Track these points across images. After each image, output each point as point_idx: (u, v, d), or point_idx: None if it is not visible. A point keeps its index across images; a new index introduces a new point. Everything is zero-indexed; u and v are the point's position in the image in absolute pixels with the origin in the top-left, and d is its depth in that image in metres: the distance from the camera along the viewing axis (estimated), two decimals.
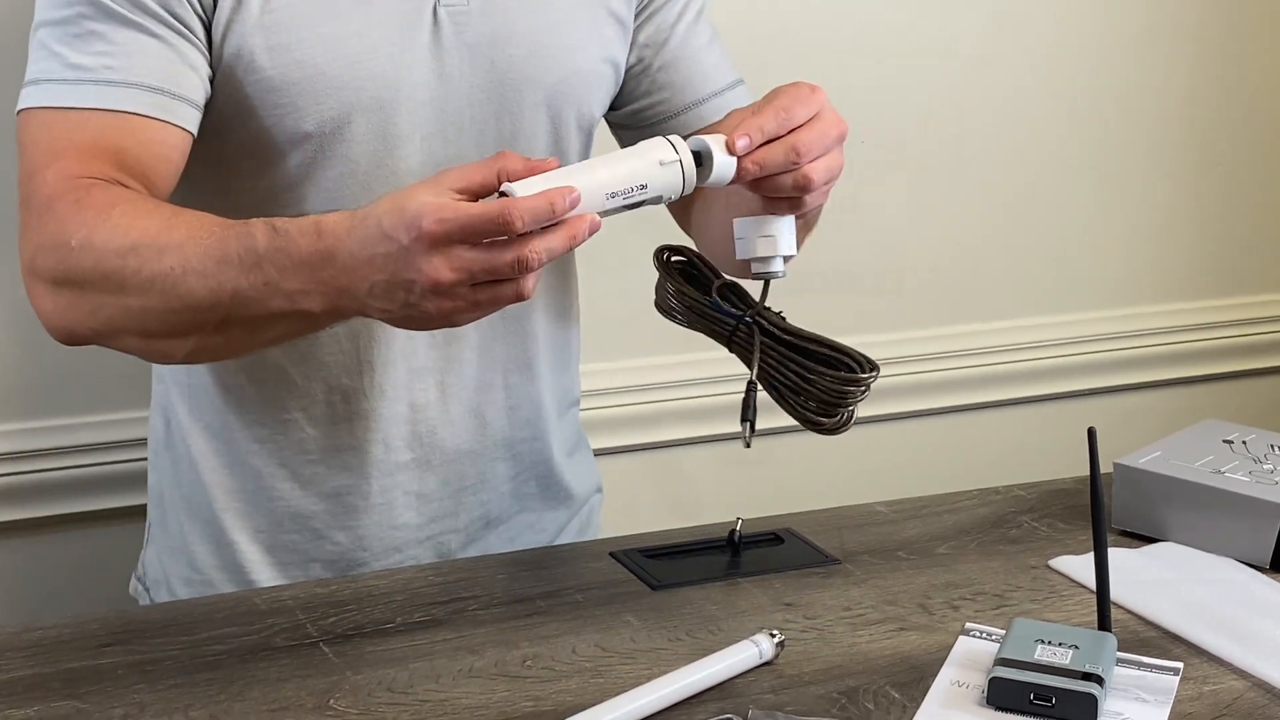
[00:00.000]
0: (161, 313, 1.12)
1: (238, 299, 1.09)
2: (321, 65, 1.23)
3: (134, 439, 1.66)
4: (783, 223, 1.15)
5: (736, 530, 1.32)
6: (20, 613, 1.69)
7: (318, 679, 1.09)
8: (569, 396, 1.47)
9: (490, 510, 1.41)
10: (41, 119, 1.21)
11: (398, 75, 1.26)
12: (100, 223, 1.14)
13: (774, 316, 1.17)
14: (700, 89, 1.39)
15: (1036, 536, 1.36)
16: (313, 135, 1.25)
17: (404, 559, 1.37)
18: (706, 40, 1.41)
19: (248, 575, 1.36)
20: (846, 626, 1.18)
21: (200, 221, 1.13)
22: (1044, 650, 1.06)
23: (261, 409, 1.33)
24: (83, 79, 1.20)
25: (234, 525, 1.36)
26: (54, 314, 1.17)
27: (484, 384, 1.36)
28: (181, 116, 1.22)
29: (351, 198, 1.25)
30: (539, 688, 1.08)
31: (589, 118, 1.36)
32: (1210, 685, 1.10)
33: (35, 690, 1.08)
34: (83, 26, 1.20)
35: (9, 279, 1.57)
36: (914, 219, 2.05)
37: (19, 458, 1.69)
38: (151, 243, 1.12)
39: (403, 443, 1.34)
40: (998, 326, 2.13)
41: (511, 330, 1.37)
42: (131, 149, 1.19)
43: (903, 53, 1.99)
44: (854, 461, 2.03)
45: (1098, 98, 2.12)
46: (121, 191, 1.17)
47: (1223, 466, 1.35)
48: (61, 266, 1.15)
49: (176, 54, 1.21)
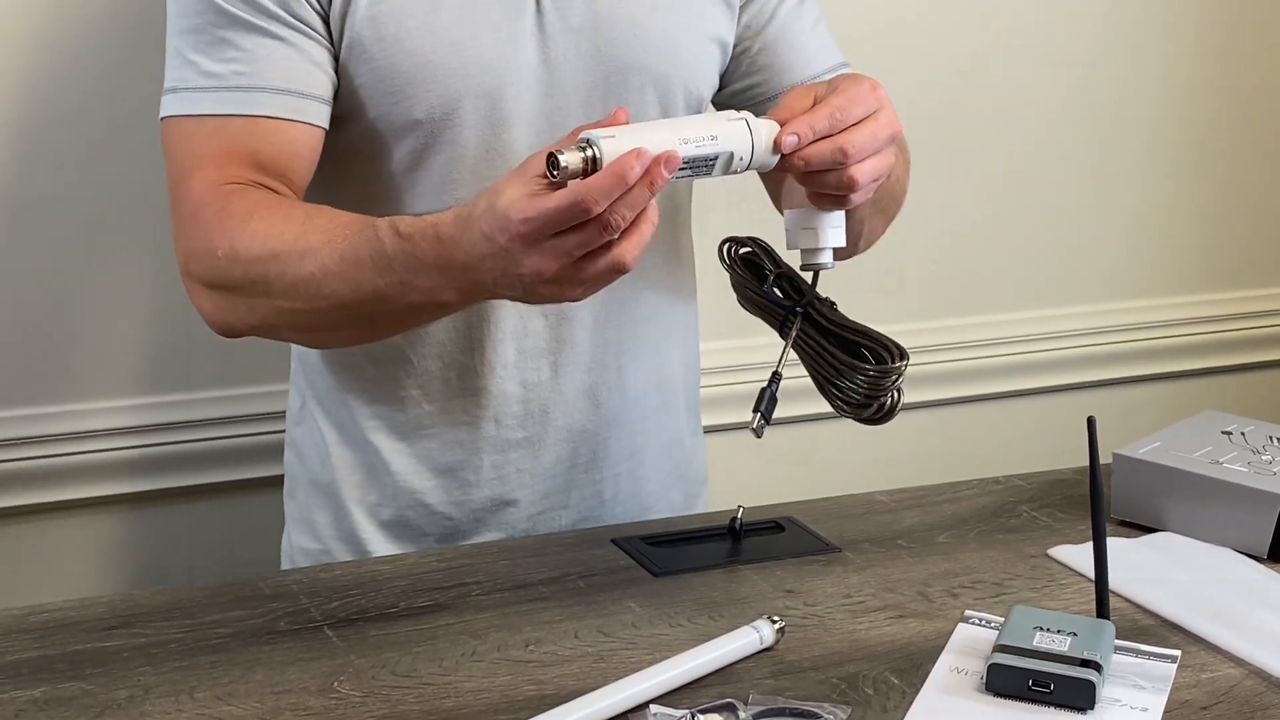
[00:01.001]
0: (309, 312, 1.19)
1: (378, 297, 1.15)
2: (429, 54, 1.26)
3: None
4: (828, 216, 1.16)
5: (738, 518, 1.32)
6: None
7: (321, 662, 1.10)
8: (687, 376, 1.47)
9: (604, 489, 1.42)
10: (182, 127, 1.26)
11: (503, 61, 1.28)
12: (241, 232, 1.19)
13: (824, 308, 1.19)
14: (800, 72, 1.40)
15: (1036, 526, 1.36)
16: (423, 123, 1.28)
17: (515, 533, 1.39)
18: (810, 24, 1.41)
19: (364, 546, 1.39)
20: (846, 614, 1.19)
21: (333, 223, 1.18)
22: (1043, 637, 1.07)
23: (379, 386, 1.36)
24: (216, 86, 1.25)
25: (351, 497, 1.39)
26: (212, 312, 1.24)
27: (596, 363, 1.38)
28: (312, 114, 1.26)
29: (462, 182, 1.29)
30: (541, 672, 1.09)
31: (697, 97, 1.37)
32: (1207, 673, 1.11)
33: (41, 672, 1.08)
34: (212, 34, 1.25)
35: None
36: (915, 213, 2.04)
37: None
38: (290, 249, 1.17)
39: (515, 420, 1.36)
40: (998, 319, 2.13)
41: (624, 310, 1.38)
42: (267, 151, 1.25)
43: (902, 48, 2.00)
44: (855, 451, 2.04)
45: (1097, 92, 2.12)
46: (260, 196, 1.22)
47: (1221, 457, 1.36)
48: (212, 274, 1.22)
49: (300, 53, 1.25)
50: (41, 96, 1.65)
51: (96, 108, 1.66)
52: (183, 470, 1.76)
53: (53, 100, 1.65)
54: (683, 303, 1.45)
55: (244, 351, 1.67)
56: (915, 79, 2.01)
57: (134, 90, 1.64)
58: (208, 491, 1.78)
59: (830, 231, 1.16)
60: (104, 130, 1.67)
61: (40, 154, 1.66)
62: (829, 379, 1.17)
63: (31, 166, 1.65)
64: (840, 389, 1.16)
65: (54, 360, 1.70)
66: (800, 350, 1.19)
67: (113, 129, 1.67)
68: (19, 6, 1.62)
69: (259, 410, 1.76)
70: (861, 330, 1.17)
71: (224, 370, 1.76)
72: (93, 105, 1.66)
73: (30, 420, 1.71)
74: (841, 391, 1.16)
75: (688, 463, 1.49)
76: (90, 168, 1.67)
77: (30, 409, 1.70)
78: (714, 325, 1.72)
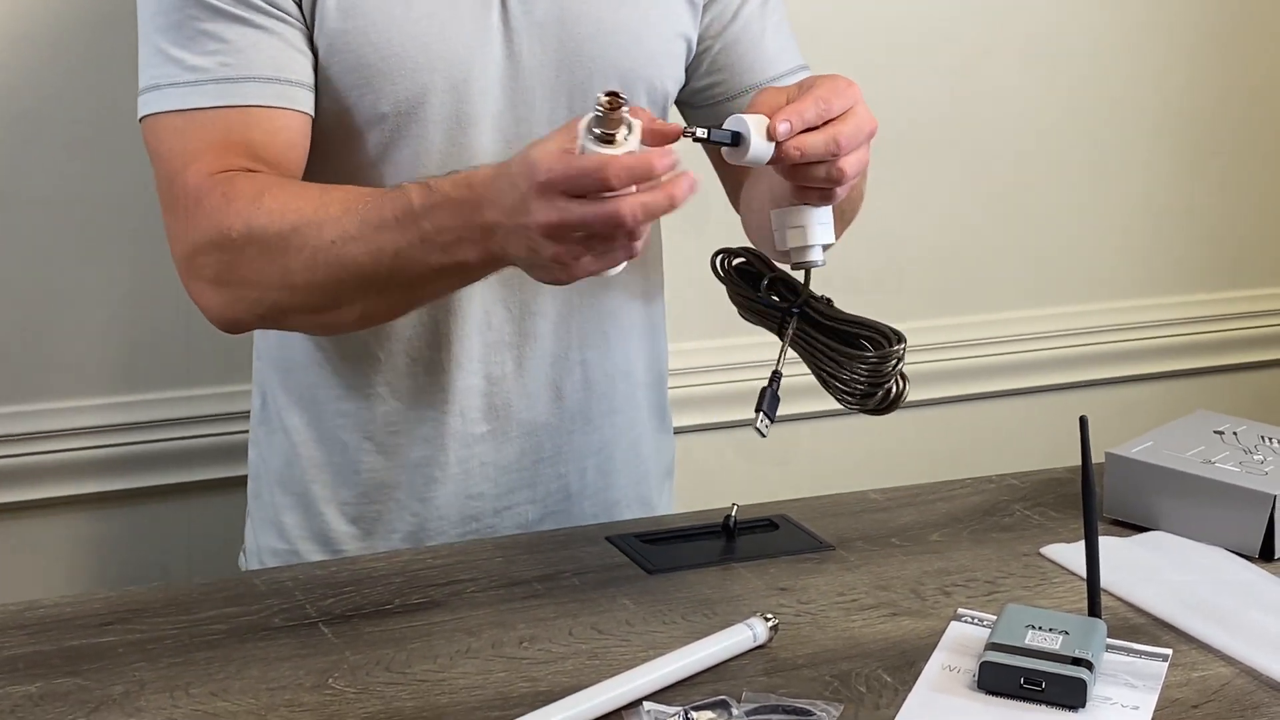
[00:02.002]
0: (327, 285, 1.18)
1: (398, 259, 1.15)
2: (395, 48, 1.27)
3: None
4: (817, 213, 1.16)
5: (732, 516, 1.33)
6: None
7: (316, 658, 1.10)
8: (652, 373, 1.48)
9: (570, 483, 1.42)
10: (170, 123, 1.25)
11: (469, 56, 1.29)
12: (255, 211, 1.19)
13: (820, 305, 1.19)
14: (760, 73, 1.40)
15: (1029, 525, 1.37)
16: (389, 116, 1.29)
17: (481, 529, 1.39)
18: (774, 25, 1.42)
19: (334, 544, 1.39)
20: (840, 611, 1.19)
21: (352, 193, 1.20)
22: (1034, 635, 1.07)
23: (348, 382, 1.36)
24: (202, 79, 1.24)
25: (321, 496, 1.39)
26: (220, 309, 1.24)
27: (560, 357, 1.38)
28: (300, 101, 1.26)
29: (426, 175, 1.27)
30: (535, 669, 1.09)
31: (661, 93, 1.38)
32: (1198, 671, 1.11)
33: (37, 667, 1.09)
34: (193, 28, 1.24)
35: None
36: (910, 212, 2.06)
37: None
38: (310, 220, 1.18)
39: (479, 414, 1.37)
40: (993, 319, 2.14)
41: (588, 305, 1.39)
42: (260, 139, 1.25)
43: (899, 48, 2.00)
44: (850, 449, 2.04)
45: (1093, 91, 2.13)
46: (264, 177, 1.23)
47: (1213, 457, 1.36)
48: (223, 262, 1.21)
49: (283, 41, 1.26)
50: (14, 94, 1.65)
51: (67, 107, 1.66)
52: (167, 469, 1.77)
53: (23, 97, 1.65)
54: (646, 301, 1.45)
55: (239, 350, 1.68)
56: (911, 80, 2.01)
57: (106, 89, 1.64)
58: (193, 489, 1.78)
59: (819, 228, 1.17)
60: (75, 129, 1.66)
61: (10, 152, 1.65)
62: (832, 374, 1.18)
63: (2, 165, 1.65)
64: (844, 382, 1.17)
65: (37, 358, 1.71)
66: (800, 348, 1.20)
67: (81, 128, 1.66)
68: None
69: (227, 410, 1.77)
70: (857, 321, 1.17)
71: (191, 369, 1.76)
72: (64, 104, 1.66)
73: (20, 417, 1.71)
74: (845, 384, 1.17)
75: (655, 458, 1.50)
76: (61, 167, 1.67)
77: (19, 406, 1.71)
78: (699, 325, 1.72)
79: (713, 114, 1.40)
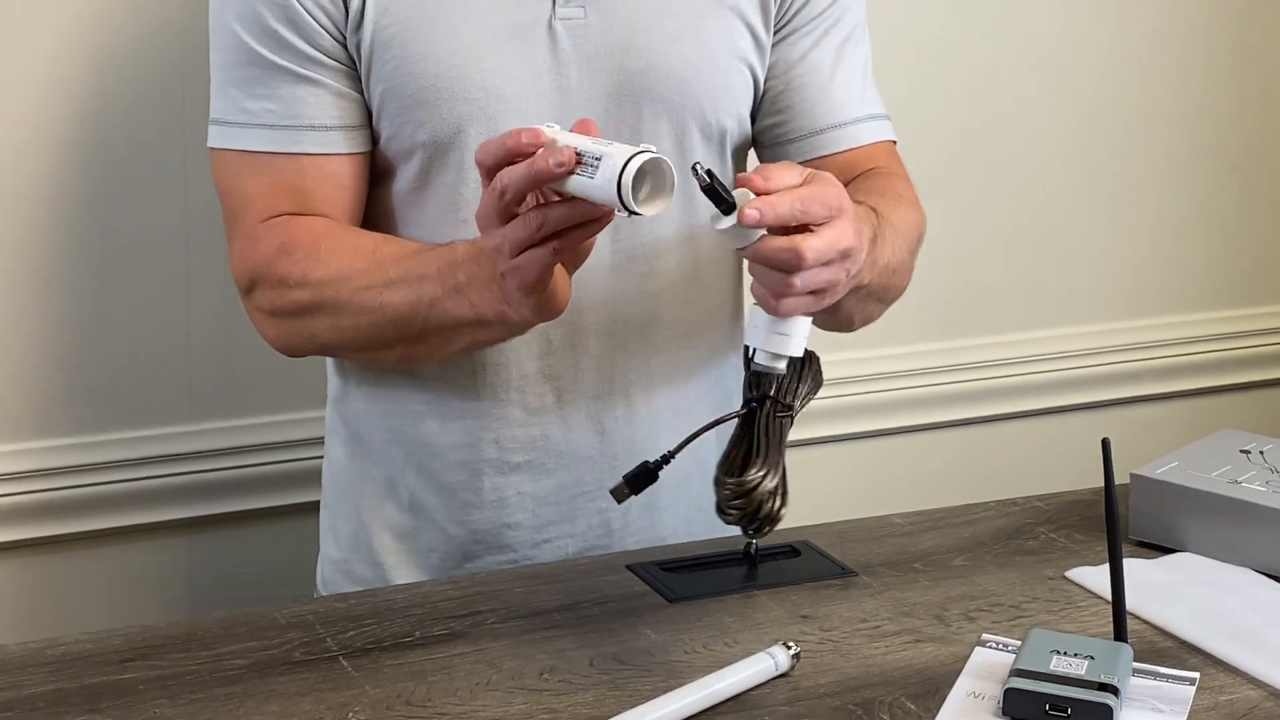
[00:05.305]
0: (369, 329, 1.28)
1: (433, 309, 1.23)
2: (431, 78, 1.29)
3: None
4: (771, 319, 1.11)
5: (753, 542, 1.32)
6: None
7: (336, 692, 1.10)
8: (712, 411, 1.41)
9: (611, 519, 1.40)
10: (228, 160, 1.33)
11: (509, 88, 1.30)
12: (311, 263, 1.28)
13: (768, 409, 1.16)
14: (822, 118, 1.38)
15: (1054, 548, 1.36)
16: (427, 144, 1.31)
17: (519, 558, 1.38)
18: (847, 70, 1.39)
19: (377, 558, 1.40)
20: (862, 638, 1.18)
21: (406, 248, 1.28)
22: (1059, 661, 1.07)
23: (394, 403, 1.38)
24: (250, 123, 1.31)
25: (368, 509, 1.41)
26: (276, 338, 1.34)
27: (603, 393, 1.37)
28: (349, 143, 1.32)
29: (467, 205, 1.30)
30: (556, 700, 1.09)
31: (718, 130, 1.36)
32: (1226, 695, 1.10)
33: (57, 705, 1.09)
34: (245, 71, 1.30)
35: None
36: (929, 233, 2.05)
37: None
38: (362, 269, 1.26)
39: (516, 445, 1.36)
40: (1014, 339, 2.13)
41: (634, 343, 1.37)
42: (309, 187, 1.31)
43: (912, 61, 2.00)
44: (870, 474, 2.04)
45: (1111, 105, 2.12)
46: (320, 226, 1.30)
47: (1240, 477, 1.35)
48: (280, 303, 1.30)
49: (325, 88, 1.30)
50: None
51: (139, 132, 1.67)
52: (224, 498, 1.78)
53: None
54: (705, 341, 1.42)
55: (286, 376, 1.69)
56: (928, 99, 2.01)
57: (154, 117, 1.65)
58: (244, 519, 1.79)
59: (798, 341, 1.12)
60: (112, 149, 1.67)
61: (51, 174, 1.66)
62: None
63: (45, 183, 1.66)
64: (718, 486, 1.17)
65: (72, 392, 1.71)
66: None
67: (116, 146, 1.68)
68: None
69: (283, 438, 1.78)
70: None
71: (241, 398, 1.77)
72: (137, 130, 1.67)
73: (54, 452, 1.71)
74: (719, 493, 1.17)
75: (704, 494, 1.46)
76: (114, 188, 1.68)
77: (53, 440, 1.71)
78: None
79: (778, 155, 1.39)
